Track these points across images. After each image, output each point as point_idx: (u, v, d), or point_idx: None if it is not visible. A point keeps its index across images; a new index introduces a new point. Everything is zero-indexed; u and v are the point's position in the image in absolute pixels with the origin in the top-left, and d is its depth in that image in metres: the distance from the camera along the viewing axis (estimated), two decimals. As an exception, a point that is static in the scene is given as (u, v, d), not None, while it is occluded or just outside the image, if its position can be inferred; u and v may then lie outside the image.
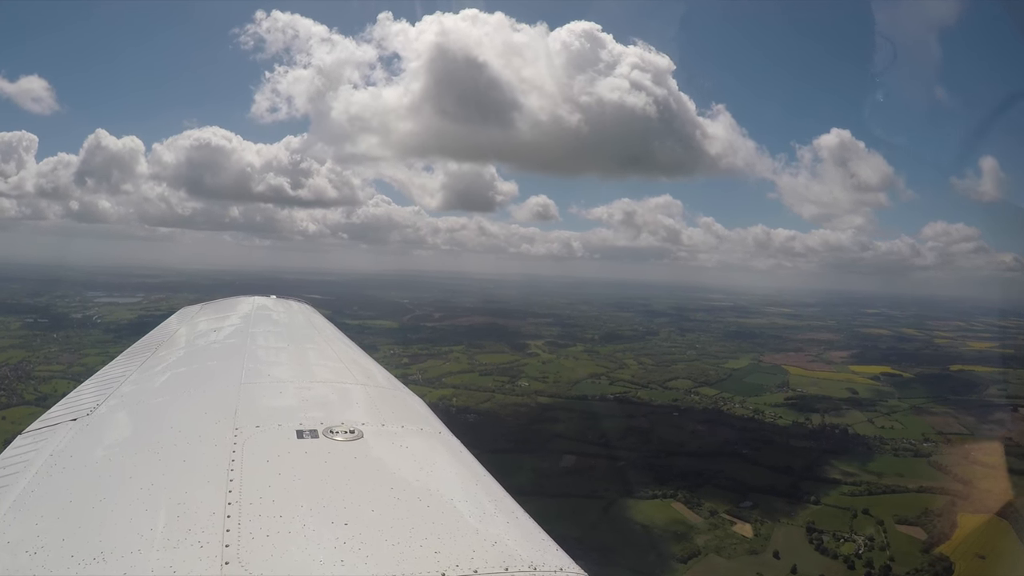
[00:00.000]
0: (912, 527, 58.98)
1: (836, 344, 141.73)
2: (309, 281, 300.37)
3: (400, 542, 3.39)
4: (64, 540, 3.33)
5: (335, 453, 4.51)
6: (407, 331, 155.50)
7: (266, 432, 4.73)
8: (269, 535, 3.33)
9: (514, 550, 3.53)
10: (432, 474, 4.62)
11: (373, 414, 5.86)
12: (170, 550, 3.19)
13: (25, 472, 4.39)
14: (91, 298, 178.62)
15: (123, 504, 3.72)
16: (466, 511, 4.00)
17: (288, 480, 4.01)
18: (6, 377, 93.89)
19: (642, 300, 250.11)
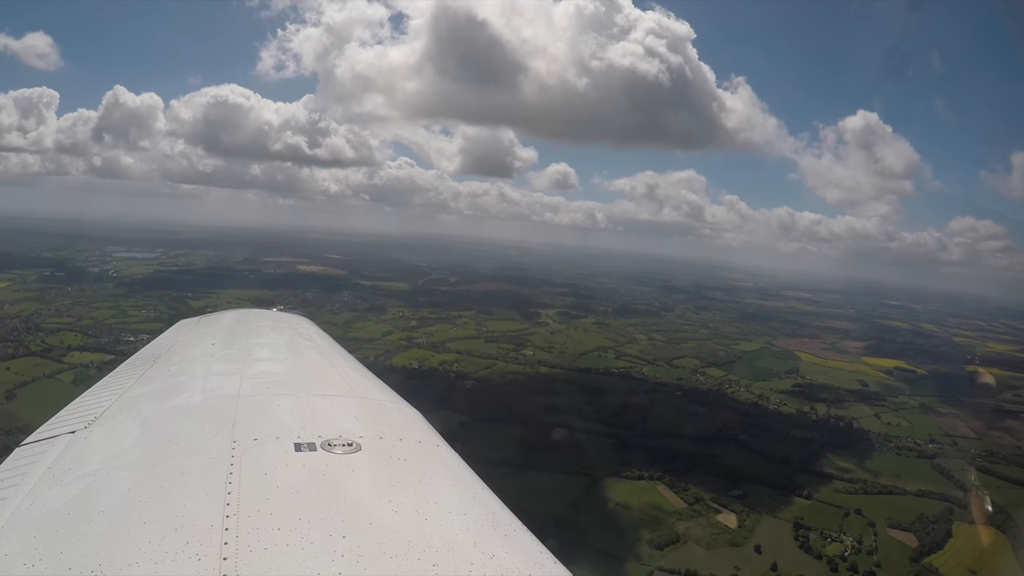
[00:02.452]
0: (904, 532, 55.61)
1: (852, 333, 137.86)
2: (330, 241, 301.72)
3: (398, 555, 3.41)
4: (61, 553, 3.35)
5: (333, 466, 4.46)
6: (419, 294, 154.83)
7: (264, 445, 4.68)
8: (267, 548, 3.34)
9: (512, 563, 3.55)
10: (430, 487, 4.54)
11: (371, 427, 5.61)
12: (168, 563, 3.19)
13: (23, 484, 4.36)
14: (110, 253, 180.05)
15: (121, 517, 3.70)
16: (464, 524, 3.97)
17: (286, 493, 4.00)
18: (15, 329, 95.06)
19: (662, 275, 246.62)
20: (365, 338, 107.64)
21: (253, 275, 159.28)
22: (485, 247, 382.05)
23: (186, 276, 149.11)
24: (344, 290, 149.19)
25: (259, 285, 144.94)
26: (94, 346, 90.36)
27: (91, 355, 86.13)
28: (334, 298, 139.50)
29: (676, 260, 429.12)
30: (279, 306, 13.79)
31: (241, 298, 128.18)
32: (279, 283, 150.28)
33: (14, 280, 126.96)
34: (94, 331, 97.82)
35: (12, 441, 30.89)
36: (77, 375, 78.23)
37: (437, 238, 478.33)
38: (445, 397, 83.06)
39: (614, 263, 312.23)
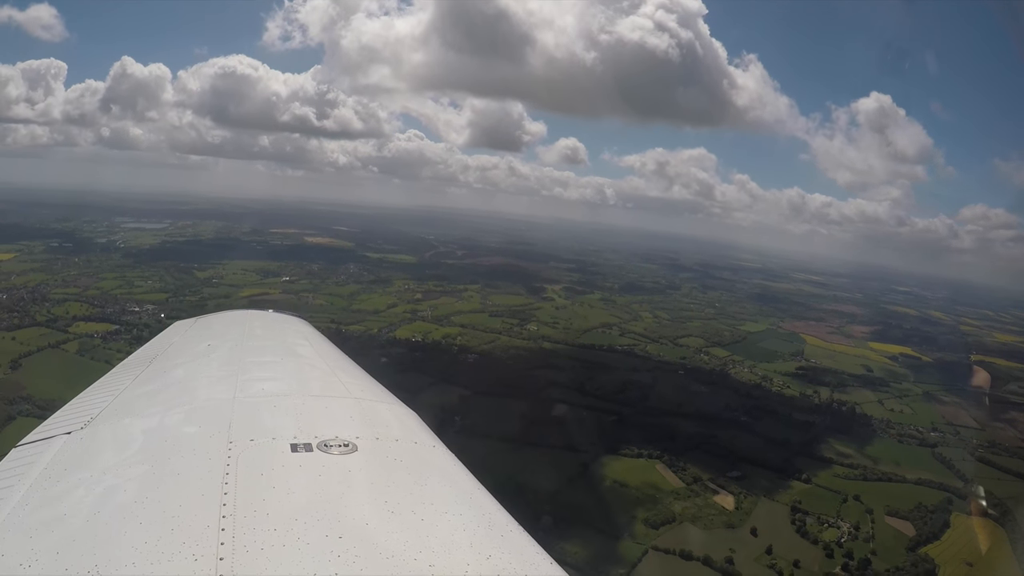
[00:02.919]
0: (902, 521, 55.01)
1: (859, 318, 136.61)
2: (339, 213, 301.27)
3: (394, 556, 3.43)
4: (58, 554, 3.36)
5: (329, 467, 4.46)
6: (425, 267, 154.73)
7: (260, 446, 4.67)
8: (263, 548, 3.35)
9: (508, 564, 3.55)
10: (426, 488, 4.53)
11: (367, 428, 5.52)
12: (164, 563, 3.20)
13: (19, 485, 4.35)
14: (118, 223, 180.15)
15: (117, 518, 3.71)
16: (460, 524, 3.97)
17: (282, 494, 4.01)
18: (22, 299, 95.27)
19: (670, 253, 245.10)
20: (369, 310, 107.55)
21: (260, 246, 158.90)
22: (494, 221, 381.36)
23: (193, 247, 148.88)
24: (350, 262, 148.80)
25: (265, 256, 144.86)
26: (99, 316, 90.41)
27: (96, 325, 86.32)
28: (340, 270, 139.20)
29: (685, 238, 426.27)
30: (272, 308, 13.17)
31: (247, 269, 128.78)
32: (285, 254, 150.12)
33: (22, 251, 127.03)
34: (100, 301, 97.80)
35: (16, 411, 35.71)
36: (82, 345, 78.88)
37: (446, 211, 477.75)
38: (447, 370, 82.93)
39: (622, 240, 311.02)
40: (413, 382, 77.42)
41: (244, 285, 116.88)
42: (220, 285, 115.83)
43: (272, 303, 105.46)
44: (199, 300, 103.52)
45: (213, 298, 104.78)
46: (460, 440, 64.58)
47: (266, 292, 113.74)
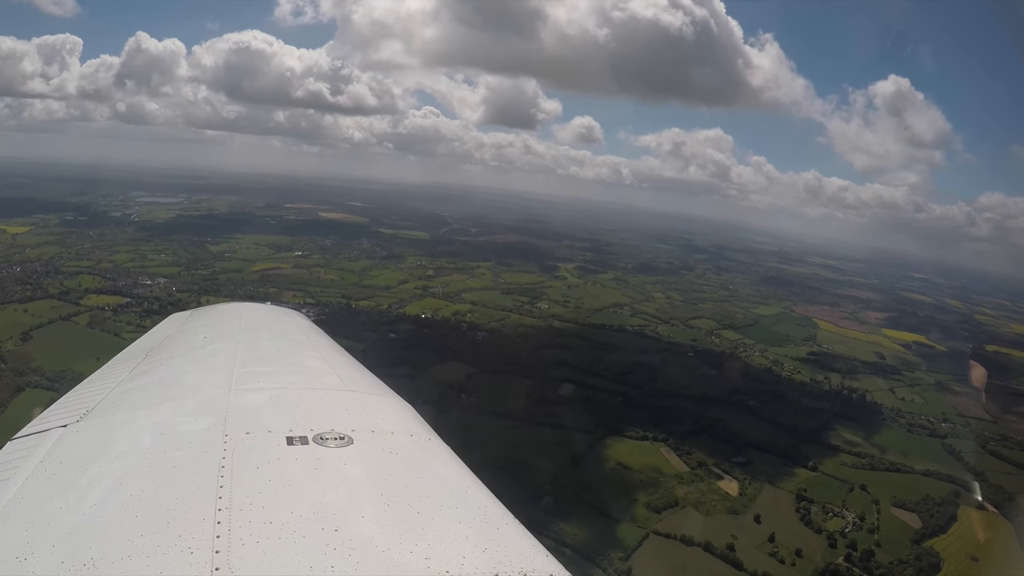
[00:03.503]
0: (908, 512, 53.93)
1: (874, 304, 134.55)
2: (353, 189, 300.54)
3: (390, 548, 3.44)
4: (54, 546, 3.37)
5: (325, 459, 4.45)
6: (438, 243, 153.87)
7: (256, 439, 4.67)
8: (259, 541, 3.36)
9: (504, 556, 3.55)
10: (422, 480, 4.52)
11: (363, 420, 5.41)
12: (160, 556, 3.22)
13: (15, 478, 4.36)
14: (133, 198, 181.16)
15: (113, 511, 3.71)
16: (456, 517, 3.99)
17: (278, 486, 4.00)
18: (35, 272, 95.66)
19: (685, 234, 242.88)
20: (380, 286, 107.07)
21: (274, 221, 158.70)
22: (509, 199, 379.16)
23: (207, 221, 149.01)
24: (364, 238, 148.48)
25: (279, 231, 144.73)
26: (111, 289, 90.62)
27: (108, 298, 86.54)
28: (353, 245, 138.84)
29: (700, 219, 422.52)
30: (270, 301, 12.18)
31: (260, 243, 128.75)
32: (299, 229, 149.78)
33: (37, 224, 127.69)
34: (112, 274, 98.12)
35: (24, 382, 36.70)
36: (93, 317, 79.02)
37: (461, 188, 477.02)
38: (455, 347, 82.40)
39: (637, 219, 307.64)
40: (421, 358, 77.05)
41: (256, 259, 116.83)
42: (232, 259, 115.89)
43: (284, 277, 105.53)
44: (211, 274, 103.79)
45: (225, 272, 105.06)
46: (465, 417, 64.25)
47: (278, 266, 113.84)
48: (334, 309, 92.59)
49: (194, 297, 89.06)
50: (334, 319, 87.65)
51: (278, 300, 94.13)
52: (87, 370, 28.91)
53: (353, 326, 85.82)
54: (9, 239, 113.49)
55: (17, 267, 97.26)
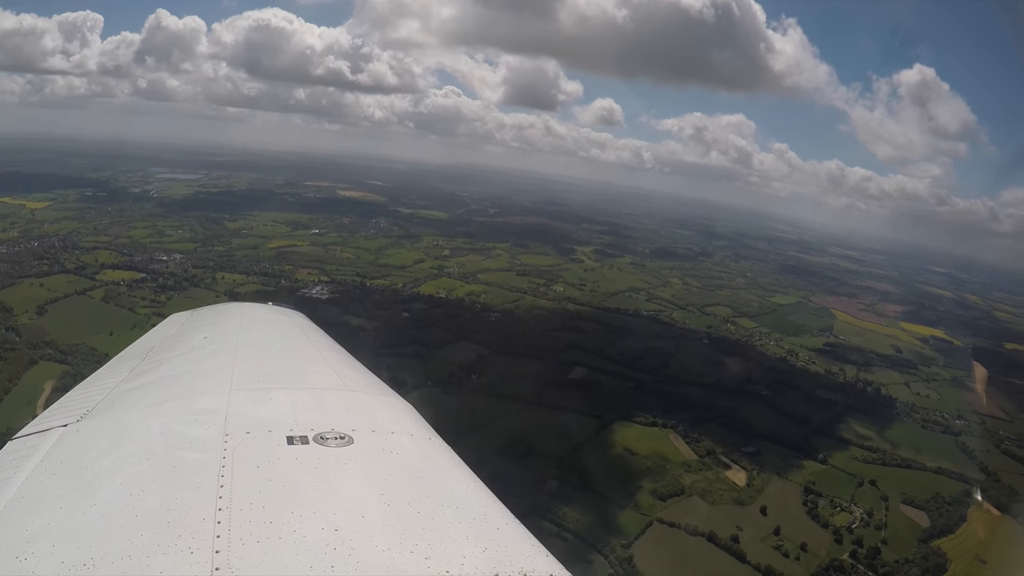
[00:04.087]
0: (917, 510, 52.70)
1: (892, 297, 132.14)
2: (373, 168, 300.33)
3: (390, 548, 3.45)
4: (54, 546, 3.36)
5: (325, 459, 4.44)
6: (456, 224, 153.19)
7: (256, 438, 4.65)
8: (259, 541, 3.35)
9: (504, 556, 3.57)
10: (422, 480, 4.54)
11: (363, 420, 5.40)
12: (160, 556, 3.21)
13: (15, 478, 4.35)
14: (153, 174, 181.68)
15: (113, 510, 3.70)
16: (456, 517, 3.99)
17: (278, 486, 3.99)
18: (53, 247, 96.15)
19: (705, 220, 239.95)
20: (396, 265, 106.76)
21: (292, 198, 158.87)
22: (529, 180, 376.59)
23: (226, 198, 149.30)
24: (381, 216, 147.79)
25: (297, 208, 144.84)
26: (127, 264, 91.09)
27: (123, 273, 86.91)
28: (370, 224, 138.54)
29: (720, 206, 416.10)
30: (272, 302, 12.48)
31: (278, 220, 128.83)
32: (317, 207, 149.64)
33: (56, 200, 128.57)
34: (129, 250, 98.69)
35: (38, 355, 37.61)
36: (108, 292, 79.44)
37: (481, 169, 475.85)
38: (467, 328, 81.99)
39: (657, 204, 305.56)
40: (432, 338, 76.77)
41: (273, 236, 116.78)
42: (249, 236, 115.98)
43: (300, 255, 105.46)
44: (227, 251, 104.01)
45: (241, 249, 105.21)
46: (473, 398, 63.91)
47: (294, 244, 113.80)
48: (348, 287, 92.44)
49: (209, 273, 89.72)
50: (348, 297, 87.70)
51: (293, 277, 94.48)
52: (100, 344, 29.17)
53: (366, 304, 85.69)
54: (28, 214, 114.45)
55: (35, 242, 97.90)
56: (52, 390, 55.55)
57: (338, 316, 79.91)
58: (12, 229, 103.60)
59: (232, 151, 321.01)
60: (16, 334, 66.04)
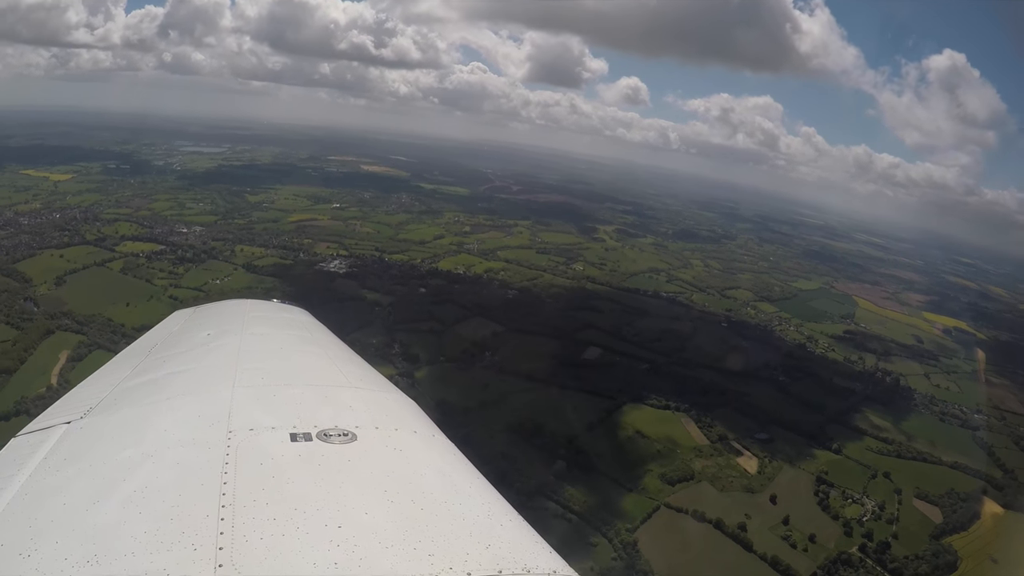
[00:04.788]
0: (930, 506, 51.17)
1: (916, 286, 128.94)
2: (397, 143, 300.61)
3: (394, 545, 3.42)
4: (58, 543, 3.35)
5: (329, 456, 4.42)
6: (478, 200, 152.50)
7: (260, 435, 4.61)
8: (263, 538, 3.34)
9: (508, 552, 3.55)
10: (426, 477, 4.51)
11: (367, 417, 5.39)
12: (164, 553, 3.19)
13: (19, 474, 4.35)
14: (177, 147, 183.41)
15: (117, 507, 3.68)
16: (460, 514, 3.98)
17: (282, 483, 3.98)
18: (74, 219, 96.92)
19: (730, 203, 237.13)
20: (415, 240, 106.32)
21: (315, 172, 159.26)
22: (554, 158, 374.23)
23: (249, 171, 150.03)
24: (403, 192, 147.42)
25: (319, 182, 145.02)
26: (147, 236, 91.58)
27: (143, 245, 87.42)
28: (391, 199, 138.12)
29: (746, 189, 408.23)
30: (276, 298, 12.17)
31: (299, 194, 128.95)
32: (339, 181, 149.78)
33: (79, 172, 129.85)
34: (150, 222, 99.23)
35: (55, 325, 37.72)
36: (127, 263, 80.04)
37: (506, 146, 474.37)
38: (483, 305, 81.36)
39: (682, 185, 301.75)
40: (447, 314, 76.32)
41: (294, 210, 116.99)
42: (270, 209, 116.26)
43: (319, 229, 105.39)
44: (247, 224, 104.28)
45: (261, 222, 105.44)
46: (485, 375, 63.49)
47: (315, 218, 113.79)
48: (367, 262, 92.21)
49: (228, 246, 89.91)
50: (365, 271, 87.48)
51: (311, 251, 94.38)
52: (116, 315, 28.93)
53: (384, 279, 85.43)
54: (51, 186, 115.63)
55: (57, 213, 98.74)
56: (67, 360, 56.08)
57: (354, 290, 79.84)
58: (35, 201, 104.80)
59: (257, 125, 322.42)
60: (34, 304, 66.57)
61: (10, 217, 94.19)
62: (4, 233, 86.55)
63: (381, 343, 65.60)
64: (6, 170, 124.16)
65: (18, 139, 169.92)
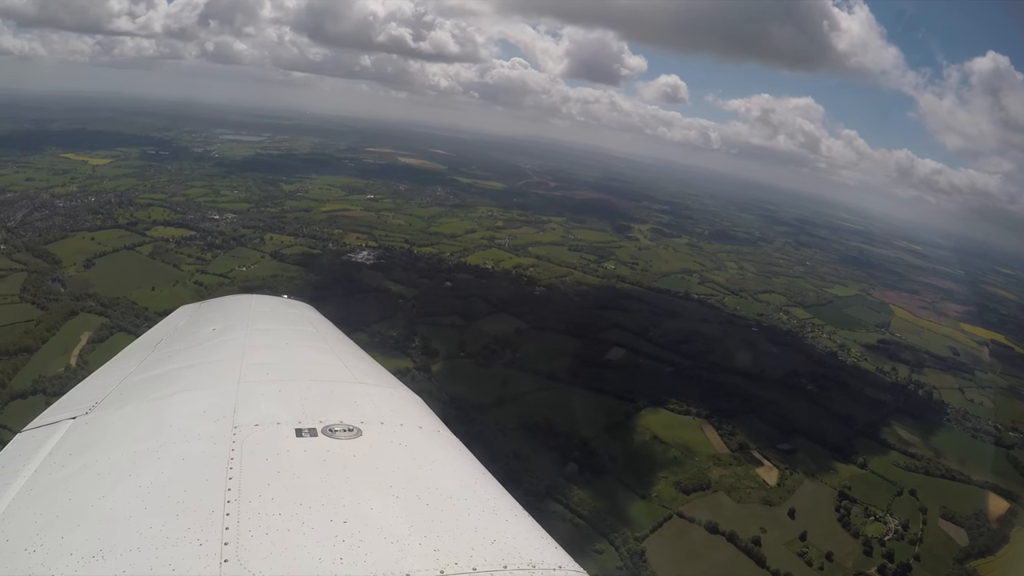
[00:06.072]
0: (956, 527, 48.30)
1: (955, 296, 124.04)
2: (437, 136, 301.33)
3: (399, 540, 3.38)
4: (63, 538, 3.31)
5: (334, 451, 4.38)
6: (513, 195, 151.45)
7: (265, 431, 4.56)
8: (268, 533, 3.30)
9: (513, 548, 3.52)
10: (431, 472, 4.46)
11: (372, 412, 5.37)
12: (169, 548, 3.17)
13: (24, 470, 4.32)
14: (216, 135, 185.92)
15: (122, 502, 3.65)
16: (465, 509, 3.94)
17: (287, 478, 3.94)
18: (108, 202, 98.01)
19: (769, 205, 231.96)
20: (447, 234, 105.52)
21: (352, 163, 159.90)
22: (593, 156, 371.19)
23: (286, 160, 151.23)
24: (439, 185, 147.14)
25: (355, 173, 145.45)
26: (179, 222, 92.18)
27: (174, 230, 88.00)
28: (426, 191, 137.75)
29: (786, 191, 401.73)
30: (286, 294, 12.32)
31: (334, 185, 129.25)
32: (375, 173, 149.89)
33: (118, 157, 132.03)
34: (183, 208, 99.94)
35: (80, 306, 35.90)
36: (156, 248, 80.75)
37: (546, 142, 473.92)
38: (509, 300, 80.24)
39: (721, 186, 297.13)
40: (472, 309, 75.31)
41: (327, 200, 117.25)
42: (303, 199, 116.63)
43: (351, 219, 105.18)
44: (279, 212, 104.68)
45: (293, 211, 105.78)
46: (505, 372, 62.32)
47: (347, 208, 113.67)
48: (395, 253, 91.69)
49: (258, 233, 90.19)
50: (393, 263, 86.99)
51: (341, 241, 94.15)
52: (141, 299, 28.03)
53: (410, 272, 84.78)
54: (89, 170, 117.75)
55: (92, 197, 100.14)
56: (88, 341, 56.40)
57: (379, 281, 79.33)
58: (72, 184, 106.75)
59: (298, 115, 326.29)
60: (61, 285, 67.33)
61: (46, 199, 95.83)
62: (39, 215, 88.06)
63: (401, 336, 64.95)
64: (46, 153, 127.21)
65: (60, 123, 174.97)
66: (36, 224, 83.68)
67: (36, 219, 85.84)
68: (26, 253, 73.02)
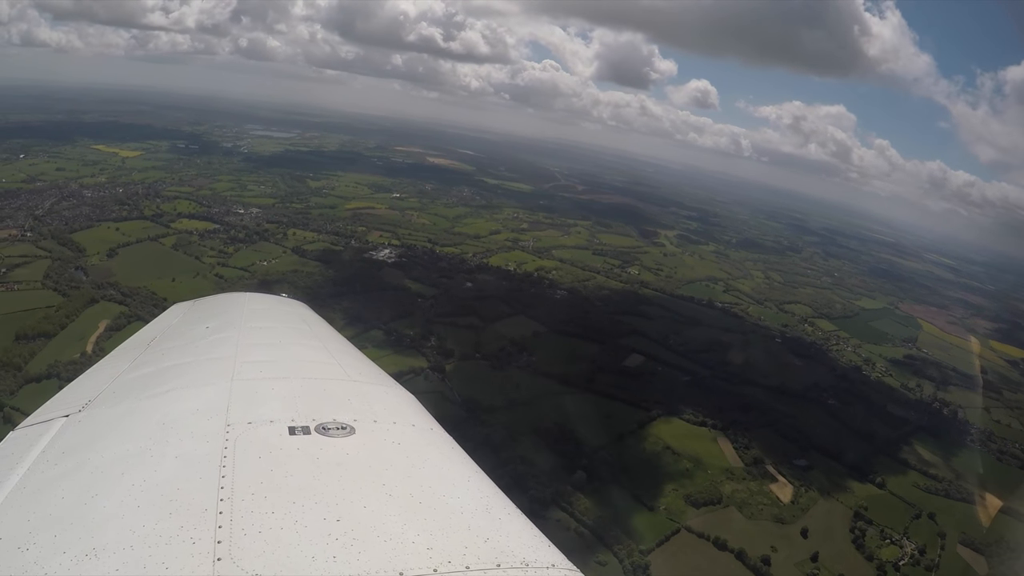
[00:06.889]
0: (976, 554, 46.18)
1: (986, 312, 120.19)
2: (466, 137, 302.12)
3: (392, 538, 3.38)
4: (56, 537, 3.30)
5: (327, 449, 4.38)
6: (539, 197, 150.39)
7: (258, 429, 4.55)
8: (261, 531, 3.30)
9: (506, 546, 3.52)
10: (424, 470, 4.47)
11: (365, 410, 5.31)
12: (162, 547, 3.15)
13: (17, 468, 4.30)
14: (247, 130, 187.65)
15: (115, 501, 3.64)
16: (458, 507, 3.94)
17: (280, 476, 3.93)
18: (135, 194, 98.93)
19: (798, 214, 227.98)
20: (470, 234, 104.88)
21: (380, 161, 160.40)
22: (623, 160, 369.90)
23: (314, 157, 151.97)
24: (465, 185, 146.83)
25: (382, 171, 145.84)
26: (203, 215, 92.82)
27: (198, 223, 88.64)
28: (452, 191, 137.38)
29: (816, 200, 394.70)
30: (284, 293, 12.63)
31: (360, 182, 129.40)
32: (402, 172, 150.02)
33: (148, 150, 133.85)
34: (208, 201, 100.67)
35: (100, 295, 34.96)
36: (179, 240, 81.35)
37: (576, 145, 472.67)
38: (528, 303, 79.35)
39: (750, 193, 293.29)
40: (490, 310, 74.52)
41: (352, 198, 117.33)
42: (329, 196, 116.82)
43: (375, 217, 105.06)
44: (304, 208, 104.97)
45: (318, 207, 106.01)
46: (519, 376, 61.57)
47: (372, 206, 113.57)
48: (417, 252, 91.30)
49: (281, 229, 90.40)
50: (414, 262, 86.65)
51: (364, 238, 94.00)
52: (160, 289, 27.33)
53: (431, 271, 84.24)
54: (119, 162, 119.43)
55: (120, 188, 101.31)
56: (105, 329, 56.71)
57: (399, 280, 78.94)
58: (101, 175, 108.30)
59: (328, 113, 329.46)
60: (84, 273, 68.23)
61: (75, 189, 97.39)
62: (67, 204, 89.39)
63: (417, 335, 64.43)
64: (78, 144, 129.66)
65: (93, 115, 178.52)
66: (63, 213, 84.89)
67: (63, 208, 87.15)
68: (51, 241, 74.06)
